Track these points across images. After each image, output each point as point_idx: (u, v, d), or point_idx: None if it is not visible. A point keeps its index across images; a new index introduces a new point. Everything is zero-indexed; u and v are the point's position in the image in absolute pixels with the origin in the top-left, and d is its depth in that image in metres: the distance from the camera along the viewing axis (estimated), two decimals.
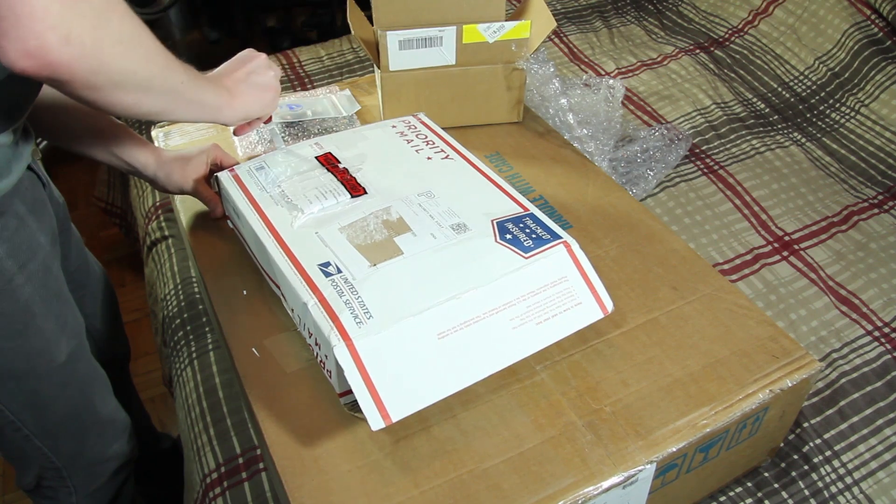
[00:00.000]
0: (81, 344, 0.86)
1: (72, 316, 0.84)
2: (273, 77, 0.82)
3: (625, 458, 0.67)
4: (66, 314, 0.82)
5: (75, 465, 0.92)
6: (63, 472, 0.91)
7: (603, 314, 0.73)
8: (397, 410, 0.63)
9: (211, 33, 2.75)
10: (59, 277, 0.81)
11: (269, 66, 0.82)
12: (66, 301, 0.83)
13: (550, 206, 0.96)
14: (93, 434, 0.91)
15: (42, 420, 0.84)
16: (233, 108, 0.77)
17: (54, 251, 0.80)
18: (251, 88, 0.79)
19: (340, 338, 0.63)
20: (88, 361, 0.88)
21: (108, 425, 0.93)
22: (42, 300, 0.77)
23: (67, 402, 0.85)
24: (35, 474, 0.91)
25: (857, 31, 1.52)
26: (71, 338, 0.83)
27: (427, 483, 0.65)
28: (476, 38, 1.03)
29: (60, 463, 0.90)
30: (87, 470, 0.94)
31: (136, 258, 1.51)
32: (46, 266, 0.77)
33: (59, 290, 0.81)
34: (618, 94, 1.35)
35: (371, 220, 0.76)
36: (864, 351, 1.02)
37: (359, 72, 1.61)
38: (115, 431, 0.94)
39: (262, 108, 0.81)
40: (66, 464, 0.91)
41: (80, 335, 0.85)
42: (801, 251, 1.17)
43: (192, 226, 0.94)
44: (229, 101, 0.76)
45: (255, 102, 0.79)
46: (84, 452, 0.92)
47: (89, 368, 0.89)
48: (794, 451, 0.90)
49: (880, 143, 1.38)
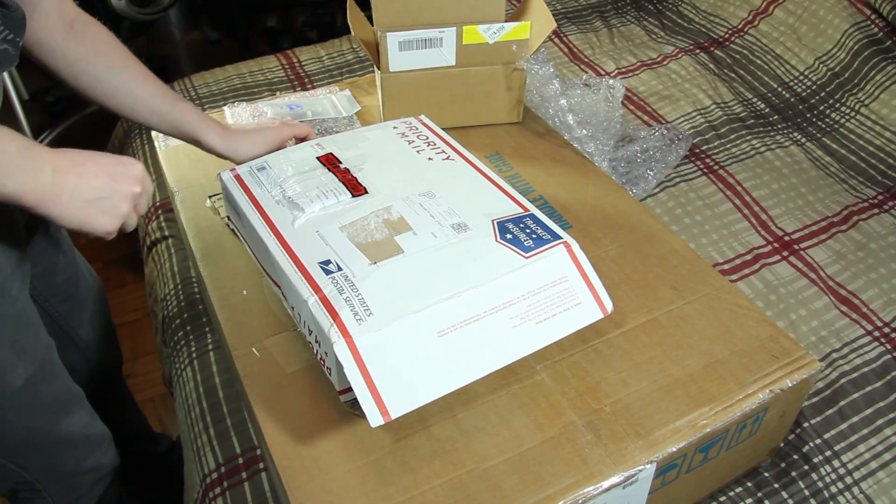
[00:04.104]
0: (45, 365, 0.82)
1: (33, 339, 0.80)
2: (121, 198, 0.67)
3: (625, 458, 0.67)
4: (25, 338, 0.78)
5: (48, 478, 0.90)
6: (36, 485, 0.89)
7: (603, 314, 0.73)
8: (397, 408, 0.63)
9: (211, 33, 2.75)
10: (20, 299, 0.78)
11: (130, 183, 0.68)
12: (28, 324, 0.79)
13: (550, 206, 0.96)
14: (62, 451, 0.89)
15: (2, 441, 0.82)
16: (57, 202, 0.63)
17: (18, 271, 0.77)
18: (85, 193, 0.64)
19: (340, 335, 0.63)
20: (52, 382, 0.85)
21: (79, 442, 0.91)
22: None
23: (28, 424, 0.82)
24: (8, 486, 0.89)
25: (857, 31, 1.52)
26: (29, 363, 0.79)
27: (427, 483, 0.65)
28: (476, 38, 1.03)
29: (31, 477, 0.88)
30: (63, 482, 0.92)
31: (136, 258, 1.51)
32: (2, 290, 0.74)
33: (17, 312, 0.77)
34: (618, 94, 1.35)
35: (372, 219, 0.77)
36: (864, 351, 1.02)
37: (359, 72, 1.61)
38: (88, 446, 0.92)
39: (85, 224, 0.66)
40: (39, 478, 0.88)
41: (42, 357, 0.82)
42: (801, 251, 1.17)
43: (192, 226, 0.94)
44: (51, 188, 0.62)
45: (82, 212, 0.65)
46: (56, 467, 0.90)
47: (54, 390, 0.85)
48: (794, 451, 0.90)
49: (880, 143, 1.38)
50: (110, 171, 0.67)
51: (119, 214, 0.67)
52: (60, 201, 0.63)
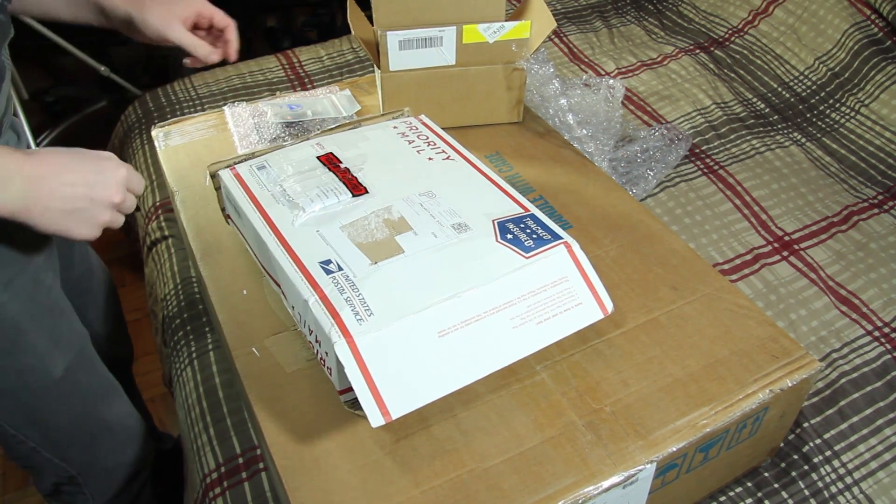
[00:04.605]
0: (82, 354, 0.83)
1: (68, 328, 0.81)
2: (100, 208, 0.64)
3: (625, 458, 0.67)
4: (60, 328, 0.79)
5: (89, 472, 0.91)
6: (78, 479, 0.90)
7: (603, 314, 0.73)
8: (397, 408, 0.63)
9: None
10: (54, 289, 0.78)
11: (110, 193, 0.64)
12: (62, 314, 0.80)
13: (550, 206, 0.96)
14: (103, 441, 0.90)
15: (46, 433, 0.83)
16: (31, 214, 0.60)
17: (48, 263, 0.78)
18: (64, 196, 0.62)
19: (341, 334, 0.63)
20: (91, 370, 0.86)
21: (119, 431, 0.92)
22: (32, 316, 0.74)
23: (70, 413, 0.83)
24: (51, 482, 0.90)
25: (857, 31, 1.52)
26: (67, 351, 0.80)
27: (427, 483, 0.65)
28: (476, 38, 1.03)
29: (74, 471, 0.88)
30: (103, 476, 0.93)
31: (136, 258, 1.51)
32: (37, 280, 0.75)
33: (52, 304, 0.78)
34: (618, 94, 1.36)
35: (372, 218, 0.77)
36: (864, 351, 1.02)
37: (359, 72, 1.61)
38: (127, 437, 0.93)
39: (63, 233, 0.64)
40: (81, 471, 0.89)
41: (79, 346, 0.83)
42: (801, 251, 1.17)
43: (192, 226, 0.94)
44: (22, 200, 0.59)
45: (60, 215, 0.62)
46: (97, 460, 0.91)
47: (93, 377, 0.86)
48: (794, 451, 0.90)
49: (880, 143, 1.38)
50: (88, 181, 0.63)
51: (98, 224, 0.65)
52: (34, 213, 0.60)
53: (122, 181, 0.66)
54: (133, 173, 0.68)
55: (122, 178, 0.66)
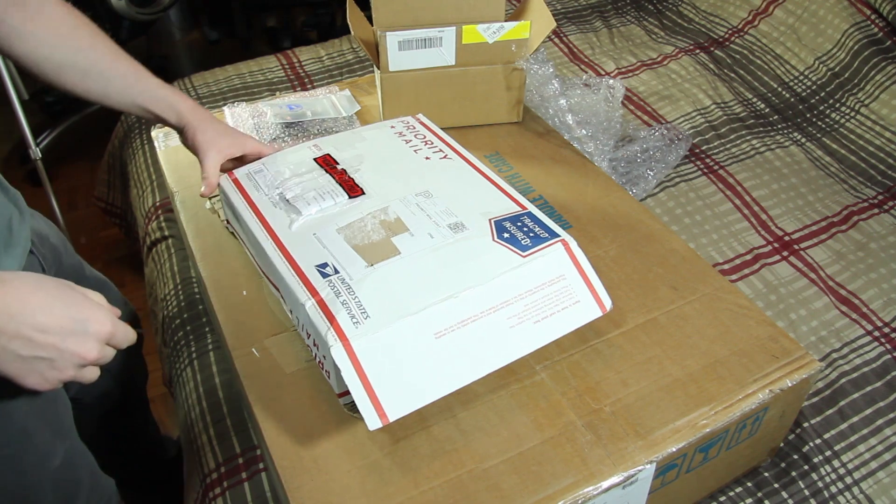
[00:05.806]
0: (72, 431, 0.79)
1: (64, 409, 0.75)
2: (66, 364, 0.55)
3: (624, 458, 0.67)
4: (59, 414, 0.73)
5: None
6: None
7: (601, 312, 0.73)
8: (394, 410, 0.63)
9: (211, 33, 2.75)
10: None
11: (86, 350, 0.55)
12: (58, 396, 0.74)
13: (550, 206, 0.96)
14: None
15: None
16: None
17: None
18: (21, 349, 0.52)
19: (337, 338, 0.63)
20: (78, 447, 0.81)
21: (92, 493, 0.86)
22: (37, 414, 0.69)
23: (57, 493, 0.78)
24: None
25: (857, 31, 1.52)
26: (65, 438, 0.75)
27: (427, 483, 0.65)
28: (476, 38, 1.03)
29: None
30: None
31: (136, 258, 1.51)
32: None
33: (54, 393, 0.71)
34: (618, 94, 1.35)
35: (369, 220, 0.76)
36: (864, 351, 1.02)
37: (359, 72, 1.61)
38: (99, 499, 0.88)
39: (9, 377, 0.54)
40: None
41: (71, 425, 0.78)
42: (801, 251, 1.17)
43: (192, 226, 0.94)
44: None
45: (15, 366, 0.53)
46: None
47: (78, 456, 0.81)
48: (794, 451, 0.90)
49: (880, 143, 1.38)
50: (64, 330, 0.54)
51: (55, 380, 0.55)
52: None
53: (104, 338, 0.56)
54: (120, 328, 0.58)
55: (104, 335, 0.56)
